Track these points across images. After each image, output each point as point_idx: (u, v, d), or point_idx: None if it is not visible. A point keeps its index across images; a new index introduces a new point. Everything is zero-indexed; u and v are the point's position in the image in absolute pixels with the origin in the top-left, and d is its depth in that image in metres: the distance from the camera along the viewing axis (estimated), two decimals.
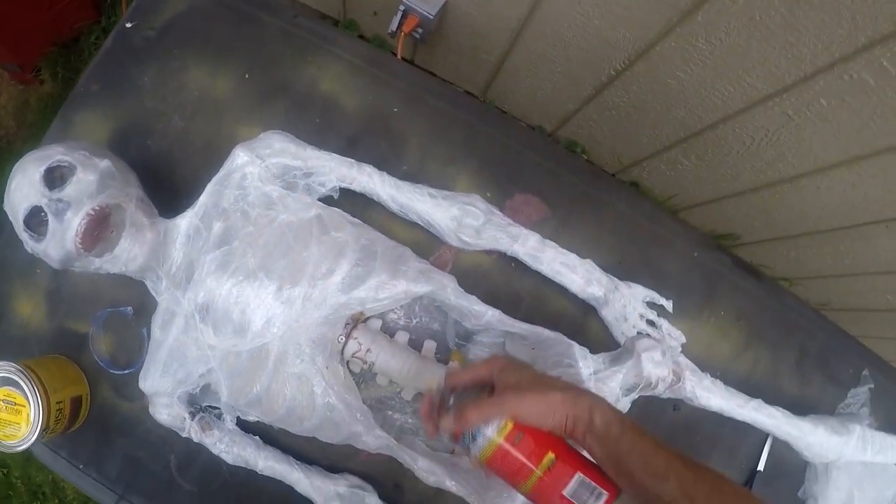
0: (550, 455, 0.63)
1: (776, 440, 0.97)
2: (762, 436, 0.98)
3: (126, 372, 0.89)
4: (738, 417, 0.90)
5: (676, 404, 0.94)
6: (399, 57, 1.05)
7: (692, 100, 1.02)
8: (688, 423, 0.95)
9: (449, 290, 0.82)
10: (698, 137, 1.08)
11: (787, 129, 0.98)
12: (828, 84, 0.86)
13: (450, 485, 0.82)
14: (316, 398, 0.79)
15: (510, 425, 0.64)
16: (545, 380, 0.67)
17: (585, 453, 0.64)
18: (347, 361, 0.84)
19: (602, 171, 0.98)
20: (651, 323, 0.92)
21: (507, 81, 1.17)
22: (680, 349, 0.93)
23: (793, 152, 1.02)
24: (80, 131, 0.89)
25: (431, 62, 1.20)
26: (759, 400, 0.91)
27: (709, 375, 0.88)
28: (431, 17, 1.05)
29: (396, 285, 0.79)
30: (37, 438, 0.80)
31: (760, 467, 0.98)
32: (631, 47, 0.98)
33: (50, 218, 0.74)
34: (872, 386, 1.00)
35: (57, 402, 0.83)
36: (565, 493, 0.62)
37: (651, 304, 0.93)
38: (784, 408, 0.94)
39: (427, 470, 0.83)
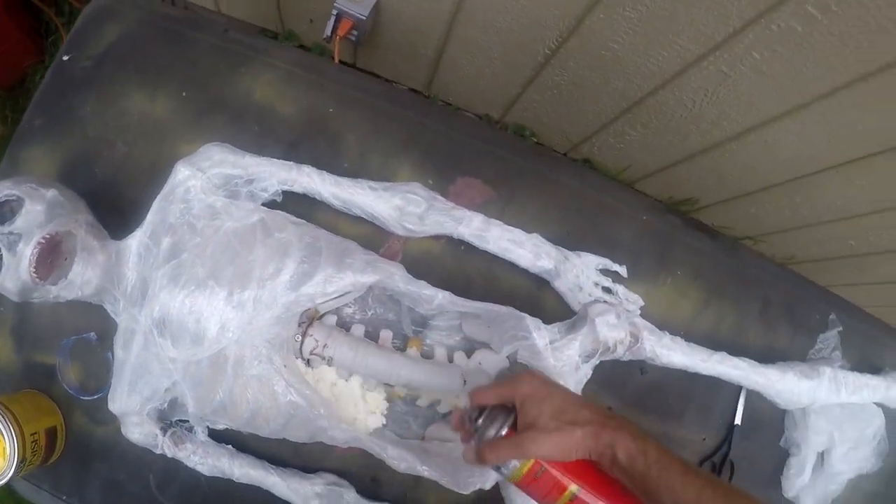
0: (572, 488, 0.66)
1: (751, 393, 0.98)
2: (736, 390, 0.99)
3: (96, 397, 0.90)
4: (704, 372, 0.91)
5: (643, 367, 0.95)
6: (337, 61, 1.07)
7: (628, 69, 1.04)
8: (657, 384, 0.97)
9: (397, 278, 0.84)
10: (640, 106, 1.10)
11: (725, 86, 1.00)
12: (757, 36, 0.88)
13: (421, 469, 0.83)
14: (278, 397, 0.81)
15: (530, 462, 0.66)
16: (566, 415, 0.67)
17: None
18: (308, 360, 0.86)
19: (543, 147, 1.00)
20: (607, 290, 0.94)
21: (448, 74, 1.20)
22: (639, 312, 0.95)
23: (734, 109, 1.04)
24: (29, 167, 0.92)
25: (373, 63, 1.23)
26: (723, 352, 0.92)
27: (668, 333, 0.90)
28: (364, 17, 1.07)
29: (344, 278, 0.81)
30: (14, 472, 0.82)
31: (738, 421, 0.99)
32: (561, 24, 1.00)
33: (3, 251, 0.76)
34: (841, 329, 1.02)
35: (32, 434, 0.85)
36: None
37: (605, 272, 0.94)
38: (755, 360, 0.95)
39: (397, 458, 0.84)
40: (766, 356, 0.97)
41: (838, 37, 0.82)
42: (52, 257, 0.79)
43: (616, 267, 0.94)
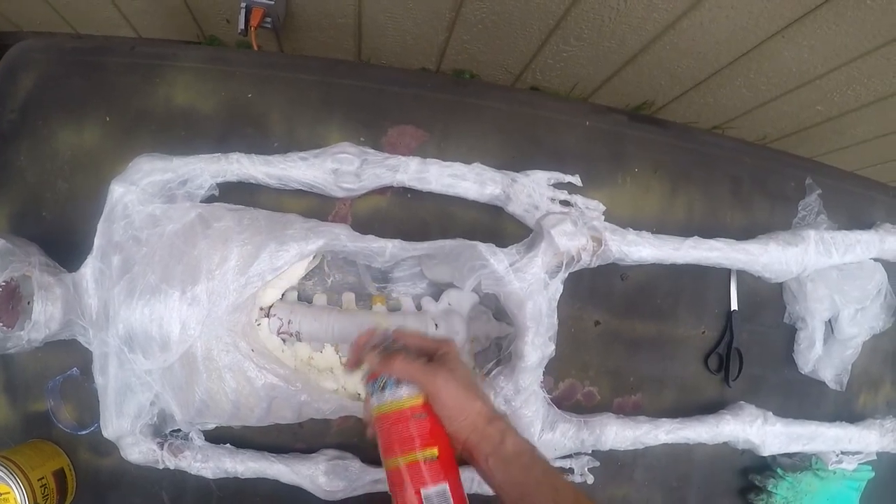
0: (434, 450, 0.65)
1: (742, 275, 0.97)
2: (725, 275, 0.98)
3: (94, 428, 0.93)
4: (680, 261, 0.90)
5: (623, 273, 0.95)
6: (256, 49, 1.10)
7: None
8: (642, 287, 0.96)
9: (343, 237, 0.85)
10: (567, 19, 1.10)
11: None
12: None
13: None
14: (254, 382, 0.83)
15: (421, 399, 0.66)
16: (477, 388, 0.69)
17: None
18: (284, 339, 0.88)
19: (464, 78, 1.00)
20: (565, 203, 0.94)
21: (374, 38, 1.21)
22: (602, 218, 0.94)
23: None
24: None
25: (299, 47, 1.25)
26: (695, 237, 0.91)
27: (631, 230, 0.89)
28: (272, 3, 1.09)
29: (289, 249, 0.83)
30: None
31: (734, 307, 0.98)
32: None
33: None
34: (820, 191, 1.00)
35: (39, 479, 0.88)
36: (423, 491, 0.64)
37: (560, 185, 0.94)
38: (737, 240, 0.94)
39: None
40: (750, 234, 0.97)
41: None
42: (12, 303, 0.82)
43: (569, 178, 0.94)
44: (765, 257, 0.92)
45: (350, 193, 0.90)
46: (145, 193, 0.88)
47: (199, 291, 0.82)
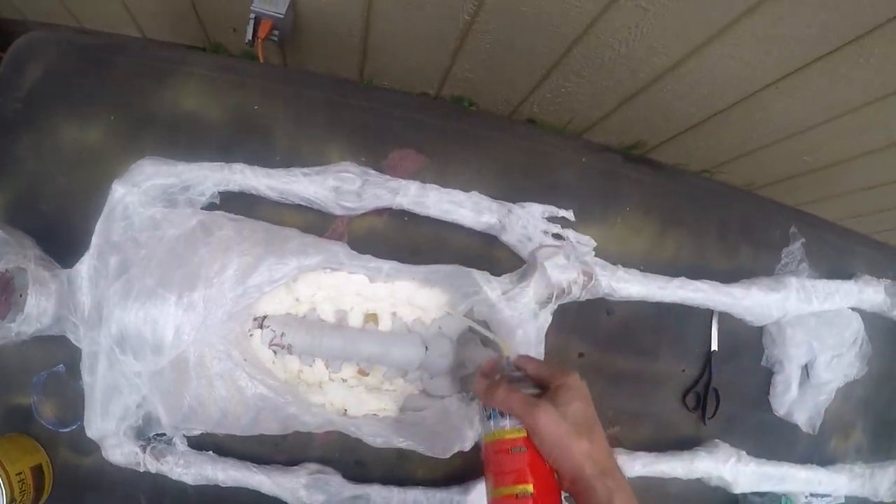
0: (528, 486, 0.64)
1: (724, 317, 1.02)
2: (707, 316, 1.03)
3: (75, 427, 0.94)
4: (666, 300, 0.96)
5: (609, 308, 0.99)
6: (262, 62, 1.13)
7: (550, 20, 1.08)
8: (626, 323, 1.01)
9: (341, 255, 0.89)
10: (569, 56, 1.15)
11: (647, 20, 1.04)
12: None
13: (398, 442, 0.88)
14: (244, 391, 0.85)
15: (523, 433, 0.66)
16: (590, 429, 0.67)
17: None
18: (275, 351, 0.91)
19: (470, 109, 1.04)
20: (557, 236, 0.98)
21: (378, 58, 1.25)
22: (593, 254, 0.99)
23: (661, 42, 1.08)
24: None
25: (303, 61, 1.29)
26: (682, 277, 0.96)
27: (621, 266, 0.94)
28: (282, 16, 1.13)
29: (287, 263, 0.86)
30: None
31: (714, 347, 1.03)
32: None
33: None
34: (804, 241, 1.05)
35: (17, 474, 0.89)
36: None
37: (553, 219, 0.99)
38: (721, 283, 0.99)
39: (372, 434, 0.88)
40: (734, 277, 1.02)
41: None
42: (5, 295, 0.84)
43: (562, 212, 0.98)
44: (747, 301, 0.97)
45: (349, 212, 0.93)
46: (146, 196, 0.90)
47: (196, 298, 0.85)
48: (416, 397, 0.94)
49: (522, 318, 0.89)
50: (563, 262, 0.90)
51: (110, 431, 0.89)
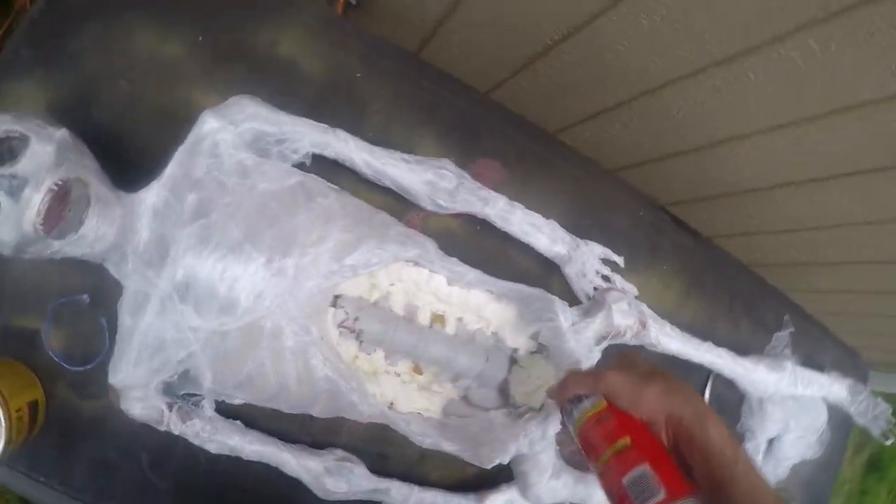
0: (626, 440, 0.66)
1: (715, 379, 1.12)
2: (703, 376, 1.13)
3: (87, 367, 0.85)
4: (695, 359, 1.04)
5: (644, 354, 1.06)
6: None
7: (625, 71, 1.13)
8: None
9: (432, 253, 0.88)
10: (626, 106, 1.20)
11: (714, 100, 1.11)
12: (758, 60, 0.99)
13: (445, 444, 0.89)
14: (314, 371, 0.82)
15: (603, 404, 0.69)
16: (655, 375, 0.70)
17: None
18: (339, 332, 0.88)
19: (555, 136, 1.07)
20: (606, 278, 1.03)
21: (443, 46, 1.24)
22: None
23: (716, 122, 1.16)
24: (10, 103, 0.84)
25: (368, 26, 1.24)
26: (710, 342, 1.05)
27: (668, 323, 1.01)
28: None
29: (387, 250, 0.84)
30: (2, 455, 0.77)
31: None
32: (571, 19, 1.07)
33: (2, 197, 0.69)
34: (793, 330, 1.19)
35: (17, 410, 0.79)
36: (624, 480, 0.64)
37: (605, 261, 1.04)
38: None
39: (421, 433, 0.89)
40: (732, 348, 1.12)
41: (831, 72, 0.95)
42: (61, 207, 0.74)
43: (616, 257, 1.03)
44: (754, 374, 1.09)
45: (438, 210, 0.92)
46: (240, 138, 0.84)
47: (288, 265, 0.81)
48: (458, 403, 0.95)
49: (580, 351, 0.93)
50: (626, 307, 0.96)
51: (139, 382, 0.81)
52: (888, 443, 1.21)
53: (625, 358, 0.78)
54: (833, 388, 1.18)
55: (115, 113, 0.87)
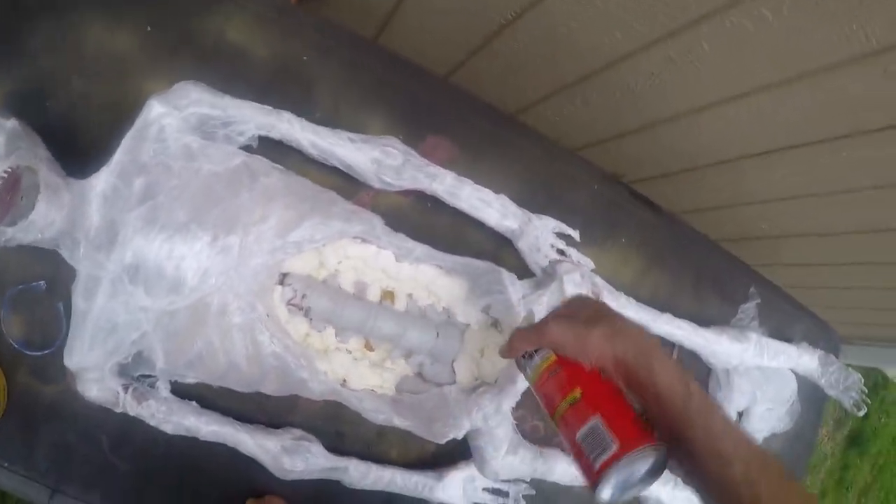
0: (576, 392, 0.65)
1: (679, 355, 1.13)
2: (667, 348, 1.13)
3: (46, 353, 0.87)
4: (652, 331, 1.05)
5: None
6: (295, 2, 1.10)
7: (580, 47, 1.14)
8: None
9: (378, 229, 0.90)
10: (584, 83, 1.22)
11: (670, 71, 1.12)
12: (711, 29, 0.99)
13: (398, 421, 0.90)
14: (262, 348, 0.84)
15: (552, 357, 0.69)
16: (598, 319, 0.68)
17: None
18: (288, 310, 0.89)
19: (504, 112, 1.08)
20: (561, 252, 1.04)
21: (400, 29, 1.26)
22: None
23: (673, 94, 1.17)
24: None
25: (322, 11, 1.27)
26: (669, 314, 1.06)
27: (623, 294, 1.02)
28: None
29: (331, 226, 0.86)
30: None
31: None
32: None
33: None
34: (759, 301, 1.19)
35: None
36: (578, 436, 0.63)
37: (560, 235, 1.05)
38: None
39: (374, 409, 0.90)
40: (695, 321, 1.12)
41: (784, 38, 0.96)
42: (11, 194, 0.77)
43: (570, 231, 1.04)
44: (716, 346, 1.09)
45: (385, 187, 0.94)
46: (186, 123, 0.86)
47: (232, 242, 0.83)
48: (412, 380, 0.97)
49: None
50: (578, 279, 0.97)
51: (94, 364, 0.83)
52: (860, 414, 1.21)
53: (570, 304, 0.76)
54: (802, 359, 1.18)
55: (68, 103, 0.89)
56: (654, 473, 0.63)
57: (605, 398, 0.65)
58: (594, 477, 0.62)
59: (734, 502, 0.60)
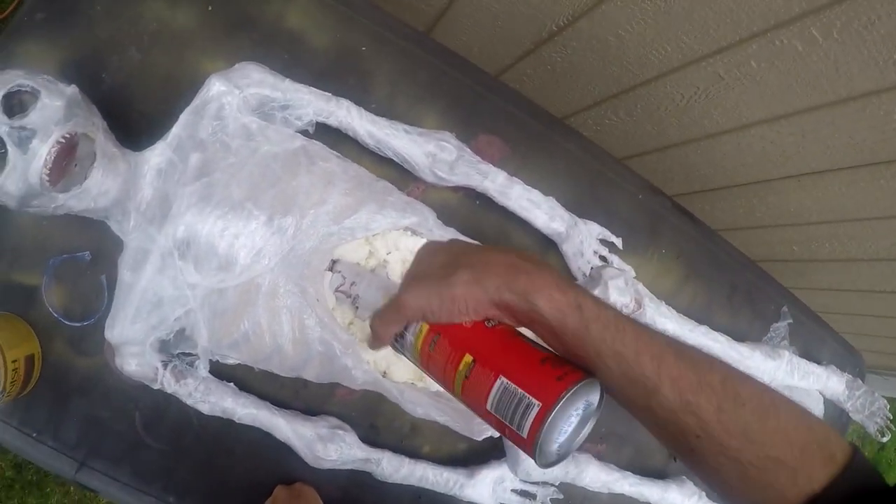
0: (467, 357, 0.55)
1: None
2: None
3: (85, 324, 0.87)
4: (690, 341, 1.05)
5: None
6: None
7: (629, 58, 1.16)
8: None
9: (431, 222, 0.91)
10: (630, 94, 1.23)
11: (717, 88, 1.13)
12: (760, 47, 1.00)
13: (437, 415, 0.90)
14: (309, 332, 0.84)
15: (425, 328, 0.58)
16: (457, 265, 0.56)
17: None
18: (335, 297, 0.90)
19: (558, 119, 1.10)
20: (603, 258, 1.05)
21: (453, 26, 1.26)
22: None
23: (719, 110, 1.18)
24: (24, 63, 0.87)
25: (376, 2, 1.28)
26: (706, 326, 1.07)
27: (664, 303, 1.03)
28: None
29: (386, 216, 0.87)
30: None
31: None
32: (576, 4, 1.10)
33: (10, 148, 0.71)
34: (791, 321, 1.20)
35: (13, 361, 0.81)
36: (488, 405, 0.54)
37: (603, 241, 1.06)
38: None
39: (414, 402, 0.90)
40: (729, 335, 1.13)
41: (833, 61, 0.97)
42: (66, 161, 0.77)
43: (613, 238, 1.05)
44: (750, 361, 1.10)
45: (439, 181, 0.95)
46: (245, 103, 0.87)
47: (288, 224, 0.83)
48: None
49: None
50: (622, 285, 0.97)
51: (135, 339, 0.83)
52: (884, 440, 1.22)
53: (419, 260, 0.62)
54: (830, 381, 1.19)
55: (124, 75, 0.90)
56: (596, 409, 0.54)
57: (501, 352, 0.55)
58: (528, 446, 0.52)
59: (680, 438, 0.51)
